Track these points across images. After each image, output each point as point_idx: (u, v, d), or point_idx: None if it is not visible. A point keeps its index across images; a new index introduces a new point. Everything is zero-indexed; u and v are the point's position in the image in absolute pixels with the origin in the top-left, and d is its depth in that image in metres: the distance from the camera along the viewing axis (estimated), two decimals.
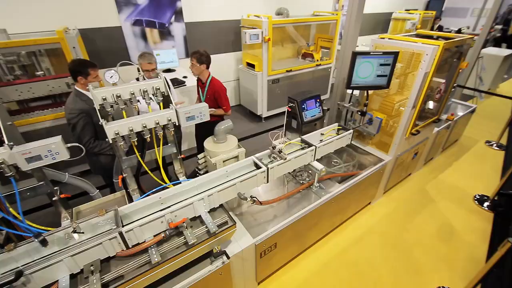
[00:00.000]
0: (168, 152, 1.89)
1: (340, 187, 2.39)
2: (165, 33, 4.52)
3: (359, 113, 2.68)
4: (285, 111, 2.61)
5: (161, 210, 1.54)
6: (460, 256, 2.59)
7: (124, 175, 1.77)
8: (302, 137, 2.25)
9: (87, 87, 2.18)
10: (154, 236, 1.52)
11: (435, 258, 2.57)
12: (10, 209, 1.36)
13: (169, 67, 4.56)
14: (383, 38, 2.68)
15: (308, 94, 2.68)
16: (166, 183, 1.85)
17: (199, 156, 2.27)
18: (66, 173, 1.70)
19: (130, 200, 1.87)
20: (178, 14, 4.50)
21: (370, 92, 2.65)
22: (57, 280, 1.32)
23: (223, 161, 2.15)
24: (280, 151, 1.97)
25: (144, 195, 1.64)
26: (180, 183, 1.80)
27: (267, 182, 1.94)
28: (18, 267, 1.26)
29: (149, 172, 1.79)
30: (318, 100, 2.69)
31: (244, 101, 5.63)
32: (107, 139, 1.45)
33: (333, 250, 2.61)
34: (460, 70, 3.03)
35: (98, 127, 2.17)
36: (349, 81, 2.38)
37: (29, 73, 3.34)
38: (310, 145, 2.16)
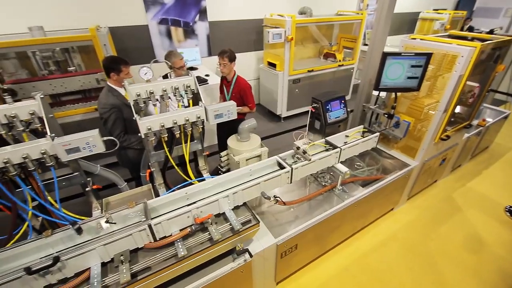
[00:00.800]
0: (193, 149, 1.92)
1: (363, 191, 2.34)
2: (189, 32, 4.60)
3: (386, 115, 2.60)
4: (304, 112, 2.58)
5: (187, 205, 1.57)
6: (489, 269, 2.45)
7: (152, 170, 1.82)
8: (327, 138, 2.22)
9: (122, 83, 2.25)
10: (180, 230, 1.55)
11: (461, 269, 2.45)
12: (48, 197, 1.43)
13: (192, 66, 4.63)
14: (414, 38, 2.57)
15: (332, 95, 2.64)
16: (191, 179, 1.88)
17: (222, 154, 2.30)
18: (98, 165, 1.77)
19: (156, 193, 1.92)
20: (203, 13, 4.56)
21: (398, 94, 2.57)
22: (89, 268, 1.37)
23: (246, 160, 2.16)
24: (304, 152, 1.95)
25: (170, 190, 1.67)
26: (204, 179, 1.83)
27: (291, 182, 1.93)
28: (54, 253, 1.33)
29: (176, 167, 1.83)
30: (343, 101, 2.65)
31: (263, 101, 5.62)
32: (139, 134, 1.49)
33: (354, 255, 2.56)
34: (496, 74, 2.87)
35: (127, 122, 2.24)
36: (377, 82, 2.32)
37: (62, 69, 3.51)
38: (334, 146, 2.12)
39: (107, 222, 1.37)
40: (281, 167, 1.92)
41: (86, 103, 3.49)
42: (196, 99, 1.67)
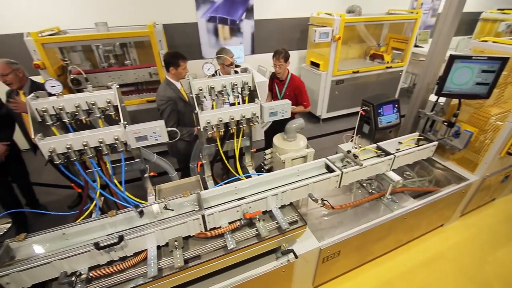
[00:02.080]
0: (242, 145, 1.95)
1: (415, 203, 2.18)
2: (234, 30, 4.69)
3: (446, 123, 2.39)
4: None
5: (237, 200, 1.59)
6: None
7: (203, 162, 1.88)
8: (379, 143, 2.11)
9: (179, 77, 2.37)
10: (229, 223, 1.58)
11: None
12: (115, 180, 1.55)
13: (235, 63, 4.71)
14: (485, 41, 2.33)
15: (385, 98, 2.50)
16: (238, 174, 1.91)
17: (267, 151, 2.30)
18: (155, 154, 1.87)
19: (204, 185, 1.98)
20: (249, 11, 4.62)
21: (462, 101, 2.35)
22: (146, 249, 1.46)
23: (292, 160, 2.14)
24: (356, 156, 1.87)
25: (221, 183, 1.71)
26: (250, 176, 1.85)
27: (339, 186, 1.87)
28: (115, 232, 1.44)
29: (226, 162, 1.88)
30: (396, 105, 2.50)
31: None
32: (198, 127, 1.54)
33: (397, 269, 2.41)
34: None
35: (180, 114, 2.35)
36: (440, 87, 2.14)
37: (119, 62, 3.80)
38: (387, 153, 2.00)
39: (165, 208, 1.44)
40: (330, 170, 1.87)
41: (138, 95, 3.73)
42: (252, 96, 1.68)
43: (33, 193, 3.20)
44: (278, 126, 2.27)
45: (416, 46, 5.81)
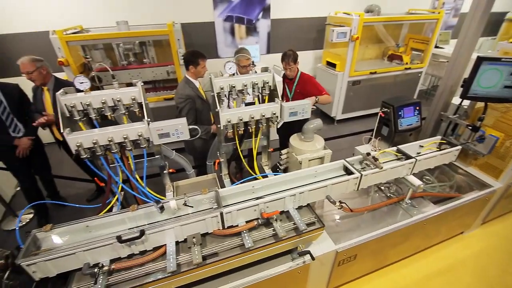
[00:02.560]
0: (260, 144, 1.94)
1: (436, 209, 2.12)
2: (251, 29, 4.69)
3: (470, 127, 2.31)
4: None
5: (255, 199, 1.59)
6: None
7: (221, 160, 1.89)
8: (399, 147, 2.06)
9: (198, 76, 2.39)
10: (246, 222, 1.59)
11: None
12: (137, 175, 1.58)
13: None
14: None
15: (406, 100, 2.44)
16: (255, 173, 1.92)
17: (283, 151, 2.29)
18: (173, 151, 1.90)
19: (221, 183, 1.99)
20: (266, 10, 4.61)
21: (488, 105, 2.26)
22: (165, 244, 1.48)
23: (309, 160, 2.12)
24: (375, 159, 1.84)
25: (238, 182, 1.72)
26: (266, 175, 1.84)
27: (357, 189, 1.84)
28: (135, 227, 1.47)
29: (243, 160, 1.88)
30: (417, 108, 2.44)
31: None
32: (218, 125, 1.55)
33: (414, 276, 2.34)
34: None
35: (198, 112, 2.38)
36: (466, 89, 2.07)
37: (138, 60, 3.87)
38: (408, 156, 1.95)
39: (185, 204, 1.46)
40: (348, 172, 1.84)
41: (155, 92, 3.80)
42: (271, 96, 1.68)
43: (55, 186, 3.32)
44: (290, 125, 2.21)
45: (436, 47, 5.64)
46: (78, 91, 1.36)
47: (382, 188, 2.31)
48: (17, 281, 1.43)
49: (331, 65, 4.72)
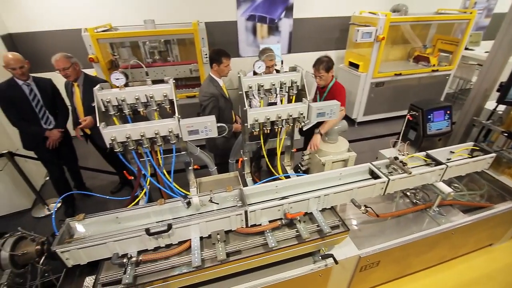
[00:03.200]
0: (284, 144, 1.93)
1: (465, 218, 2.02)
2: (273, 29, 4.68)
3: (505, 134, 2.19)
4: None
5: (278, 199, 1.59)
6: None
7: (244, 158, 1.90)
8: (428, 152, 1.98)
9: (221, 74, 2.41)
10: (269, 222, 1.58)
11: None
12: (164, 170, 1.62)
13: None
14: None
15: (436, 103, 2.35)
16: (278, 173, 1.91)
17: (305, 152, 2.27)
18: (198, 147, 1.93)
19: (243, 181, 2.00)
20: (289, 10, 4.58)
21: None
22: (189, 239, 1.51)
23: (332, 162, 2.09)
24: (404, 164, 1.78)
25: (262, 181, 1.72)
26: (289, 176, 1.83)
27: (383, 194, 1.79)
28: (161, 221, 1.51)
29: (267, 160, 1.88)
30: (448, 112, 2.34)
31: None
32: (246, 124, 1.56)
33: (437, 287, 2.25)
34: None
35: (221, 111, 2.40)
36: (503, 94, 1.96)
37: (162, 58, 3.97)
38: (439, 162, 1.87)
39: (210, 201, 1.48)
40: (374, 176, 1.79)
41: (178, 90, 3.87)
42: (299, 96, 1.66)
43: (81, 177, 3.47)
44: (315, 126, 2.13)
45: (466, 48, 5.38)
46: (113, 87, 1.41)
47: (408, 194, 2.24)
48: (50, 266, 1.51)
49: (354, 65, 4.62)
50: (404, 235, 1.88)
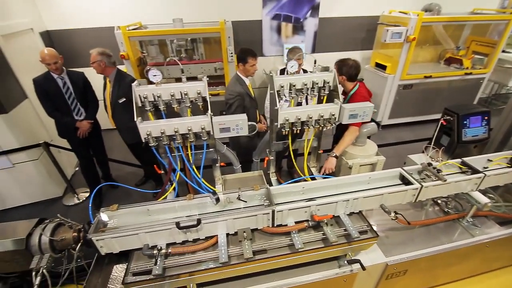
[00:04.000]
0: (312, 145, 1.91)
1: (502, 231, 1.91)
2: (297, 28, 4.64)
3: None
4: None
5: (305, 200, 1.57)
6: None
7: (270, 158, 1.90)
8: (464, 159, 1.88)
9: (247, 73, 2.42)
10: (296, 223, 1.57)
11: None
12: (193, 166, 1.65)
13: None
14: None
15: (472, 108, 2.23)
16: (304, 174, 1.89)
17: (331, 154, 2.23)
18: (224, 145, 1.95)
19: (268, 181, 2.00)
20: (315, 9, 4.52)
21: None
22: (216, 235, 1.53)
23: (360, 166, 2.04)
24: (438, 171, 1.70)
25: (289, 181, 1.71)
26: (315, 177, 1.81)
27: (415, 201, 1.72)
28: (190, 215, 1.54)
29: (293, 160, 1.87)
30: (486, 117, 2.21)
31: None
32: (276, 123, 1.55)
33: None
34: None
35: (246, 110, 2.41)
36: None
37: (188, 56, 4.05)
38: (475, 171, 1.78)
39: (238, 198, 1.49)
40: (405, 182, 1.73)
41: None
42: (330, 96, 1.64)
43: (108, 168, 3.62)
44: (345, 128, 2.06)
45: (503, 51, 5.06)
46: (150, 83, 1.45)
47: (439, 202, 2.14)
48: (82, 252, 1.59)
49: (381, 67, 4.48)
50: (435, 244, 1.80)
